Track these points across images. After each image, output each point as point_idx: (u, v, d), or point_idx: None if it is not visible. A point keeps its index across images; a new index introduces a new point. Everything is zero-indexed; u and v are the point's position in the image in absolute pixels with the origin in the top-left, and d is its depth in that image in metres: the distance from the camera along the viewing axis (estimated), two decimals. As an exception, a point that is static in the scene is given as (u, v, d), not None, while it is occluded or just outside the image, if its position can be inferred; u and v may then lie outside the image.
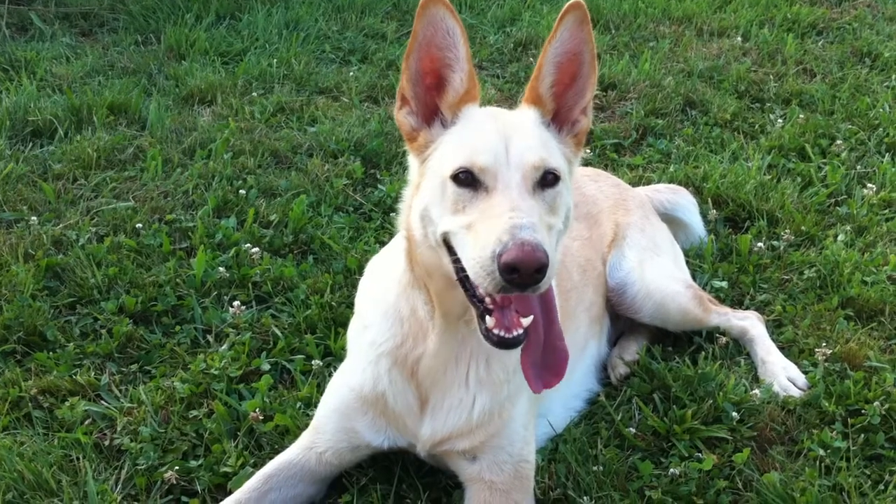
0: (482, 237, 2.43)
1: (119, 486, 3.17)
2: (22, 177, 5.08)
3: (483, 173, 2.55)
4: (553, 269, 2.45)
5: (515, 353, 2.70)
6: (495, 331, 2.56)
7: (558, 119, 2.84)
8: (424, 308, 2.87)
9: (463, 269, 2.54)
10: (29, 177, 5.10)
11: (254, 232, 4.60)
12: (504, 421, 3.00)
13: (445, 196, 2.61)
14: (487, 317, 2.57)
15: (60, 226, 4.64)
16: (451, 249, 2.61)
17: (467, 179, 2.57)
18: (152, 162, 5.23)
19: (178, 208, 4.86)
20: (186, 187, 5.03)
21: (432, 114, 2.79)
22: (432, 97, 2.78)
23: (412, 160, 2.86)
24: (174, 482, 3.16)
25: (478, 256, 2.42)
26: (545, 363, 2.65)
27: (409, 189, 2.87)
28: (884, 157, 5.61)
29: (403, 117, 2.80)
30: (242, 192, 4.96)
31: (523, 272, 2.35)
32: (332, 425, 3.12)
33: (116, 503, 3.05)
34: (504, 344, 2.56)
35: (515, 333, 2.55)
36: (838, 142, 5.76)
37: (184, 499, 3.15)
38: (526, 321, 2.55)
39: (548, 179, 2.61)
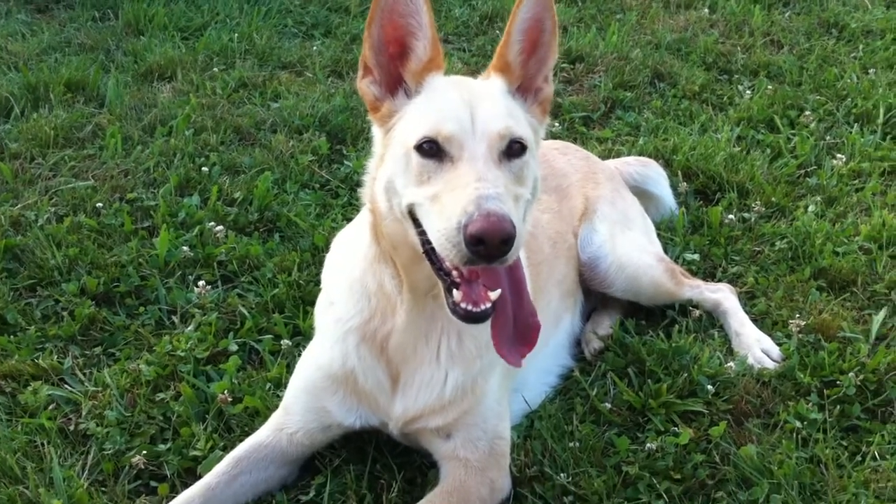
0: (448, 208, 2.38)
1: (86, 471, 3.08)
2: (-23, 158, 4.95)
3: (448, 143, 2.50)
4: (520, 241, 2.40)
5: (487, 328, 2.64)
6: (462, 304, 2.50)
7: (523, 88, 2.80)
8: (392, 282, 2.81)
9: (429, 242, 2.49)
10: (-16, 156, 4.97)
11: (218, 210, 4.50)
12: (477, 397, 2.95)
13: (410, 167, 2.55)
14: (455, 290, 2.51)
15: (18, 206, 4.52)
16: (416, 221, 2.56)
17: (432, 150, 2.51)
18: (112, 140, 5.11)
19: (139, 186, 4.74)
20: (147, 165, 4.91)
21: (396, 83, 2.73)
22: (396, 66, 2.72)
23: (376, 131, 2.79)
24: (142, 467, 3.08)
25: (443, 228, 2.37)
26: (517, 336, 2.60)
27: (373, 161, 2.80)
28: (852, 127, 5.60)
29: (367, 87, 2.74)
30: (205, 169, 4.85)
31: (489, 243, 2.30)
32: (302, 405, 3.06)
33: (83, 489, 2.95)
34: (471, 318, 2.51)
35: (483, 307, 2.50)
36: (807, 113, 5.74)
37: (153, 483, 3.07)
38: (494, 295, 2.50)
39: (514, 149, 2.56)
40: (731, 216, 4.60)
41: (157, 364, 3.52)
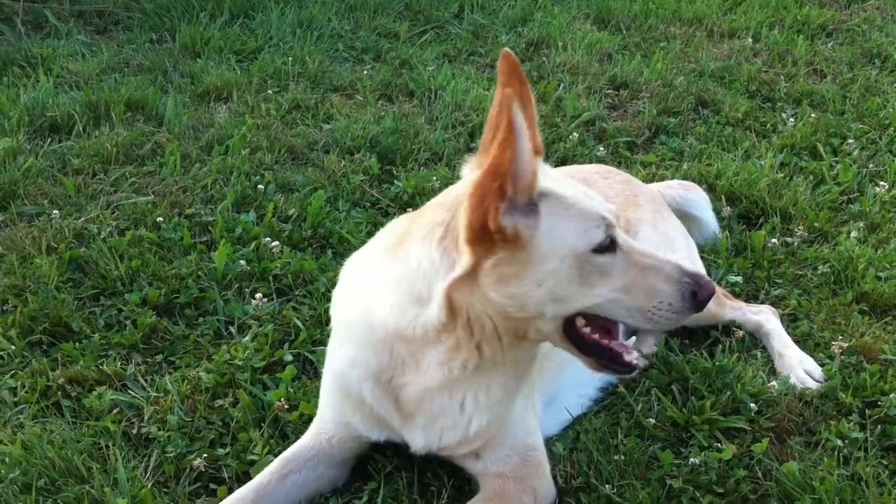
0: (656, 286, 2.70)
1: (148, 473, 3.22)
2: (42, 171, 5.13)
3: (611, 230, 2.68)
4: None
5: (516, 373, 2.90)
6: (629, 359, 2.82)
7: None
8: (457, 363, 2.79)
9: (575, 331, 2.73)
10: (49, 171, 5.15)
11: (273, 226, 4.65)
12: (501, 425, 2.99)
13: (585, 272, 2.63)
14: (625, 355, 2.81)
15: (81, 219, 4.69)
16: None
17: (607, 243, 2.66)
18: (171, 157, 5.28)
19: (197, 203, 4.91)
20: (205, 182, 5.08)
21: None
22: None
23: (466, 259, 2.63)
24: (202, 469, 3.21)
25: (666, 300, 2.70)
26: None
27: (429, 272, 2.72)
28: (895, 156, 5.65)
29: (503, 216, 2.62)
30: (261, 187, 5.01)
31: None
32: (330, 417, 3.17)
33: (147, 489, 3.09)
34: (634, 369, 2.86)
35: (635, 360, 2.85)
36: (849, 141, 5.80)
37: (212, 486, 3.19)
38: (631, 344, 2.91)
39: None
40: (773, 240, 4.66)
41: (216, 372, 3.65)
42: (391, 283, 2.82)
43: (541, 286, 2.61)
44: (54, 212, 4.69)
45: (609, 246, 2.65)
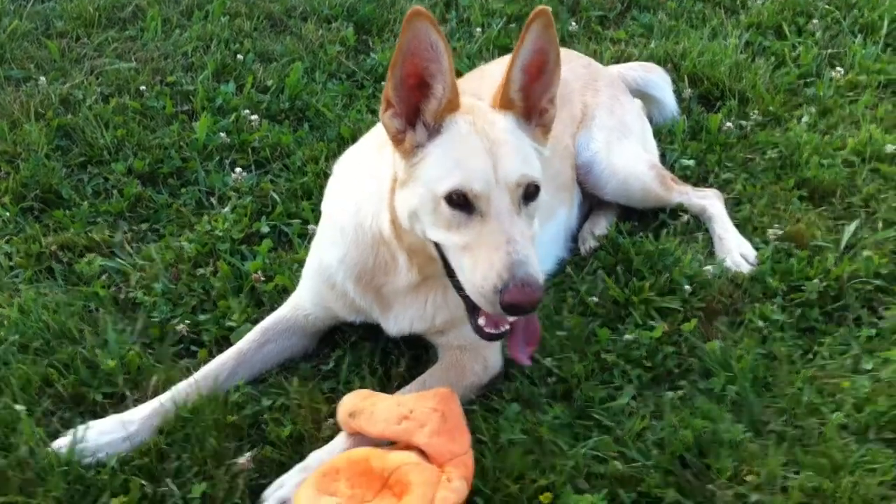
0: (481, 265, 2.68)
1: (135, 335, 3.52)
2: (27, 34, 5.27)
3: (477, 199, 2.72)
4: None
5: None
6: (487, 329, 2.86)
7: (526, 112, 2.99)
8: (404, 261, 3.12)
9: (453, 273, 2.82)
10: (34, 34, 5.30)
11: (252, 97, 4.85)
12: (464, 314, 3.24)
13: (438, 213, 2.78)
14: (480, 318, 2.85)
15: (67, 85, 4.88)
16: (437, 245, 2.87)
17: (460, 201, 2.73)
18: (152, 22, 5.43)
19: (178, 70, 5.09)
20: (185, 49, 5.24)
21: (414, 115, 2.88)
22: (416, 97, 2.85)
23: (396, 158, 2.93)
24: (185, 333, 3.52)
25: (479, 284, 2.68)
26: (525, 339, 2.94)
27: (389, 173, 2.99)
28: (856, 37, 5.81)
29: (388, 119, 2.87)
30: (240, 56, 5.18)
31: (523, 310, 2.68)
32: (310, 299, 3.48)
33: (134, 351, 3.40)
34: (492, 338, 2.90)
35: (503, 329, 2.87)
36: (814, 21, 5.95)
37: (193, 348, 3.51)
38: (511, 318, 2.84)
39: (530, 191, 2.81)
40: (729, 123, 4.88)
41: (198, 242, 3.94)
42: (379, 184, 3.11)
43: (412, 204, 2.87)
44: (41, 78, 4.87)
45: (462, 203, 2.74)
